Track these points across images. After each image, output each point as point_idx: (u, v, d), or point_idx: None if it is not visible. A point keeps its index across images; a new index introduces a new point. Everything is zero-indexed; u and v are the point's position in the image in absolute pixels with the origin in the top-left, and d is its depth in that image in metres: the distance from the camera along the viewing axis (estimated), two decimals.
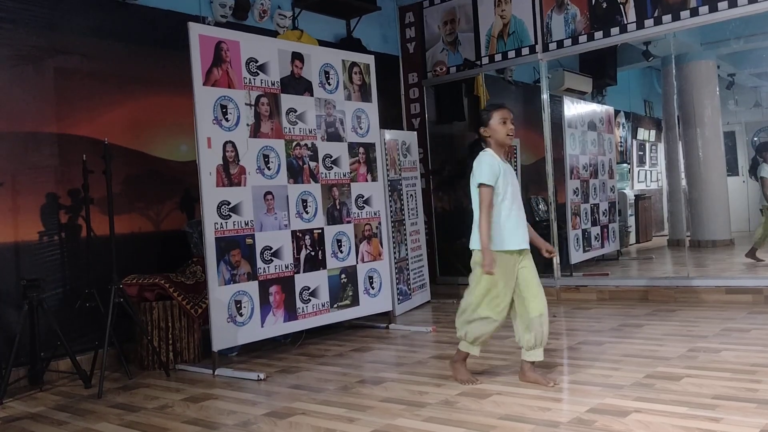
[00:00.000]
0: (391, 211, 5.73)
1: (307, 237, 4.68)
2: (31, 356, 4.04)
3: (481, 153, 3.35)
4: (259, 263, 4.36)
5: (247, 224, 4.31)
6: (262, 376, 3.83)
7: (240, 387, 3.71)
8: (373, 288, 5.12)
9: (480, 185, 3.25)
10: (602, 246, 7.64)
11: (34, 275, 4.05)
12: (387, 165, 5.72)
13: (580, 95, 7.70)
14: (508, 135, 3.32)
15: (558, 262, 6.22)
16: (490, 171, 3.25)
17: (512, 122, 3.35)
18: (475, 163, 3.32)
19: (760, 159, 6.98)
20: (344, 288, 4.91)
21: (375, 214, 5.20)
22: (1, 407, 3.60)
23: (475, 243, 3.32)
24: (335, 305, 4.84)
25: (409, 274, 6.01)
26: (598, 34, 5.89)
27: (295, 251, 4.58)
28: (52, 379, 4.13)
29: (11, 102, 4.21)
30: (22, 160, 4.23)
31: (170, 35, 4.89)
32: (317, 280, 4.72)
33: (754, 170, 7.06)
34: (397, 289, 5.73)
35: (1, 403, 3.64)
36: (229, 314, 4.16)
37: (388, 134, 5.89)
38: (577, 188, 7.16)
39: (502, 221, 3.27)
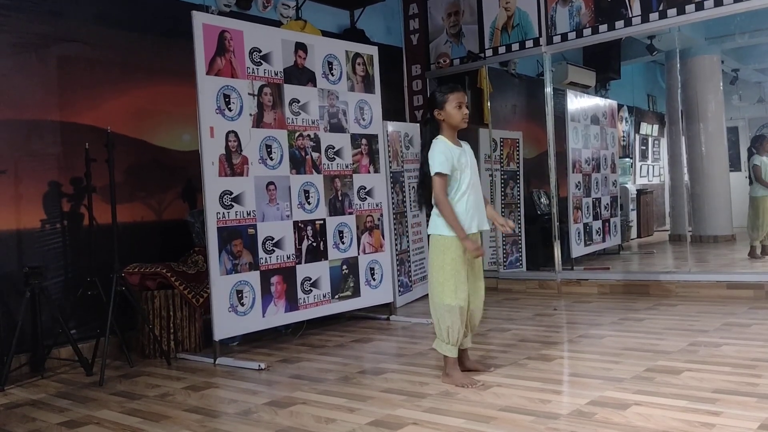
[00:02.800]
0: (392, 203, 5.73)
1: (308, 228, 4.68)
2: (32, 343, 4.05)
3: (433, 143, 3.32)
4: (261, 253, 4.36)
5: (249, 214, 4.31)
6: (262, 365, 3.84)
7: (241, 376, 3.72)
8: (374, 279, 5.13)
9: (435, 174, 3.25)
10: (604, 240, 7.65)
11: (36, 263, 4.06)
12: (389, 157, 5.71)
13: (584, 89, 7.69)
14: (463, 119, 3.31)
15: (559, 254, 6.23)
16: (444, 159, 3.24)
17: (467, 106, 3.33)
18: (429, 154, 3.31)
19: (754, 150, 7.01)
20: (345, 279, 4.92)
21: (377, 205, 5.20)
22: (2, 394, 3.61)
23: (432, 228, 3.35)
24: (336, 296, 4.84)
25: (410, 266, 6.01)
26: (603, 28, 5.87)
27: (296, 242, 4.58)
28: (53, 366, 4.14)
29: (14, 89, 4.20)
30: (25, 148, 4.23)
31: (174, 24, 4.88)
32: (318, 270, 4.72)
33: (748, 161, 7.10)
34: (398, 280, 5.73)
35: (3, 390, 3.65)
36: (230, 304, 4.17)
37: (391, 126, 5.88)
38: (579, 182, 7.16)
39: (454, 206, 3.28)
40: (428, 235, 3.46)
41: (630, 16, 5.69)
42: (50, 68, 4.38)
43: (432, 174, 3.26)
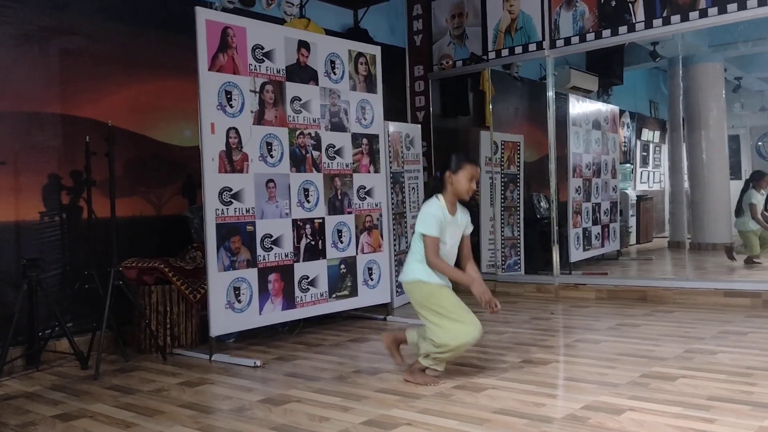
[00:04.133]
0: (392, 204, 5.73)
1: (307, 226, 4.68)
2: (28, 336, 4.05)
3: (430, 201, 3.33)
4: (259, 251, 4.36)
5: (248, 211, 4.31)
6: (258, 362, 3.84)
7: (236, 373, 3.72)
8: (372, 279, 5.12)
9: (424, 236, 3.26)
10: (602, 245, 7.65)
11: (34, 255, 4.06)
12: (390, 157, 5.71)
13: (586, 93, 7.69)
14: (468, 192, 3.31)
15: (557, 258, 6.23)
16: (437, 223, 3.25)
17: (477, 184, 3.39)
18: (422, 210, 3.32)
19: (751, 185, 7.03)
20: (343, 278, 4.92)
21: (376, 205, 5.20)
22: None
23: (409, 274, 3.36)
24: (334, 295, 4.84)
25: None
26: (606, 33, 5.87)
27: (295, 240, 4.58)
28: (49, 359, 4.14)
29: (16, 81, 4.20)
30: (25, 140, 4.23)
31: (177, 19, 4.88)
32: (316, 269, 4.72)
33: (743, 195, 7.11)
34: (396, 281, 5.73)
35: None
36: (227, 300, 4.17)
37: (392, 126, 5.88)
38: (579, 187, 7.16)
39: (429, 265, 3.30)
40: (400, 284, 3.44)
41: (634, 21, 5.69)
42: (52, 61, 4.38)
43: (422, 233, 3.28)
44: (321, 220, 4.77)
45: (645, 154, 10.10)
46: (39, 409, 3.14)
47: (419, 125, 6.60)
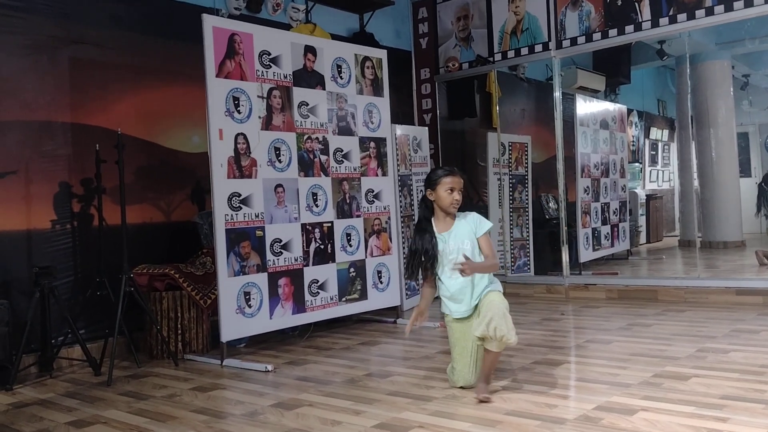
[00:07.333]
0: (400, 206, 5.73)
1: (316, 230, 4.69)
2: (41, 343, 4.08)
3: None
4: (269, 255, 4.38)
5: (257, 216, 4.32)
6: (269, 367, 3.85)
7: (247, 378, 3.73)
8: (381, 282, 5.13)
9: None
10: (612, 245, 7.62)
11: (46, 263, 4.08)
12: (397, 160, 5.71)
13: (593, 93, 7.67)
14: (451, 204, 3.18)
15: (567, 259, 6.22)
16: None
17: (460, 191, 3.20)
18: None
19: (765, 186, 6.99)
20: (353, 282, 4.92)
21: (384, 208, 5.21)
22: (11, 393, 3.63)
23: None
24: (343, 299, 4.85)
25: None
26: (613, 32, 5.86)
27: (304, 244, 4.60)
28: (62, 366, 4.17)
29: (26, 90, 4.24)
30: (36, 149, 4.27)
31: (184, 27, 4.91)
32: (326, 273, 4.73)
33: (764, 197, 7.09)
34: (405, 284, 5.73)
35: (12, 389, 3.68)
36: (237, 305, 4.18)
37: (399, 129, 5.88)
38: (587, 187, 7.14)
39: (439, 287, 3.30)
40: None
41: (640, 20, 5.68)
42: (62, 70, 4.41)
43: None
44: (330, 224, 4.78)
45: (654, 152, 10.06)
46: (53, 416, 3.16)
47: (426, 128, 6.60)
